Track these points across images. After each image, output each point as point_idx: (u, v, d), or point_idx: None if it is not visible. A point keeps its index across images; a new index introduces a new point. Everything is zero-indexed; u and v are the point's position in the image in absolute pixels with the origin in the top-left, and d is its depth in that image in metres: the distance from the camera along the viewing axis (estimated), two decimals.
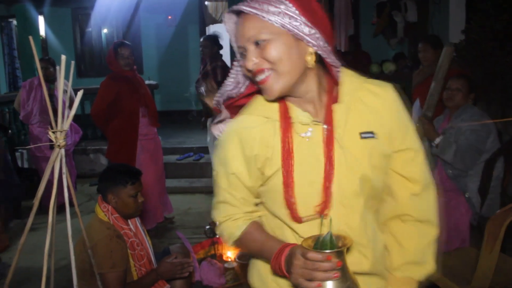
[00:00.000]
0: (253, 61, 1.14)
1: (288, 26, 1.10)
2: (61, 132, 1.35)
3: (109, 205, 2.42)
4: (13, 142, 5.83)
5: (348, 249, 1.10)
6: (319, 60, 1.17)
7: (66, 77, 1.39)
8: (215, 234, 3.95)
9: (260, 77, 1.15)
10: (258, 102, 1.27)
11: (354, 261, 1.18)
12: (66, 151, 4.55)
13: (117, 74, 4.12)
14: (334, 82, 1.22)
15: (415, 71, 4.62)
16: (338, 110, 1.21)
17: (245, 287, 3.30)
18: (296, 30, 1.10)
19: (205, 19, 8.59)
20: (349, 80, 1.23)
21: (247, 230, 1.29)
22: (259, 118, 1.24)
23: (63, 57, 1.32)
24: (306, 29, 1.11)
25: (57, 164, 1.38)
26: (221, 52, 5.26)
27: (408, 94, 6.16)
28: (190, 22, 8.84)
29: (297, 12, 1.10)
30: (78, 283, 1.69)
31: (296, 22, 1.10)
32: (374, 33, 8.18)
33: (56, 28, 8.80)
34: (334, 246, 1.07)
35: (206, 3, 8.43)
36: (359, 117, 1.21)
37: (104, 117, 4.12)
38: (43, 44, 8.68)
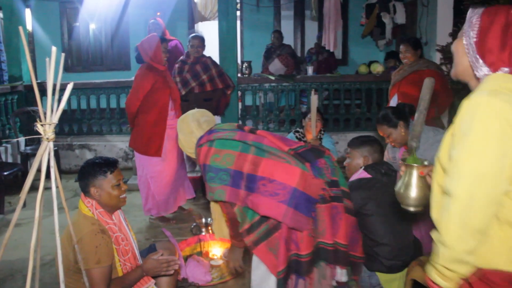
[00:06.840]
0: None
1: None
2: (49, 125, 1.33)
3: (93, 200, 2.39)
4: None
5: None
6: None
7: (56, 70, 1.38)
8: (201, 232, 3.95)
9: None
10: None
11: None
12: None
13: (152, 66, 4.17)
14: None
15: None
16: None
17: (230, 285, 3.30)
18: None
19: (194, 16, 8.55)
20: None
21: None
22: None
23: (54, 49, 1.31)
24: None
25: (45, 157, 1.37)
26: (205, 52, 5.24)
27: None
28: (179, 19, 8.78)
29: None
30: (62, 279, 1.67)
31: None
32: (362, 34, 8.25)
33: (43, 21, 8.68)
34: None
35: (195, 0, 8.40)
36: None
37: (137, 108, 4.16)
38: (30, 37, 8.55)
